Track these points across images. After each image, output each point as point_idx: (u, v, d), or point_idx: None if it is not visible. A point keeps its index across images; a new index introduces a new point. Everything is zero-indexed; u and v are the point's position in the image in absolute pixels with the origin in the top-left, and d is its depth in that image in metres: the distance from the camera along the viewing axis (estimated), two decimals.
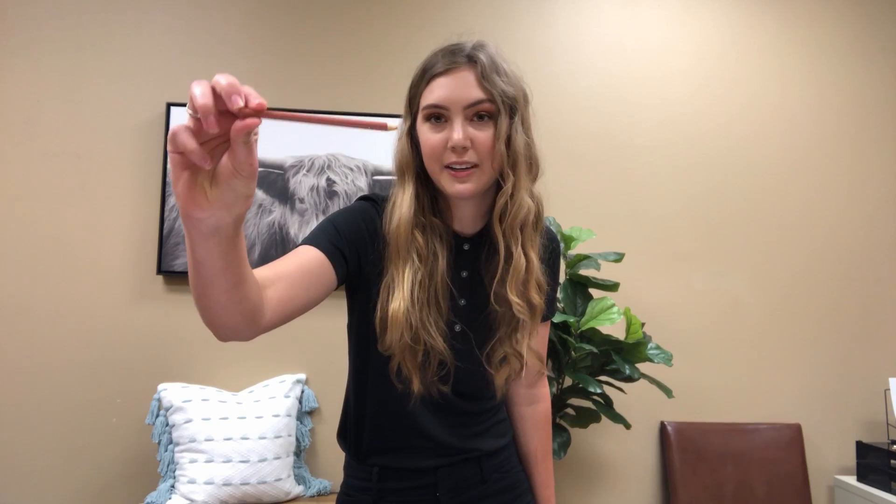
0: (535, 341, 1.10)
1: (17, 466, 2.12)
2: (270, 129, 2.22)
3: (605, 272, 2.23)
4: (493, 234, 0.95)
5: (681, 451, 2.25)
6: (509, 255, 0.94)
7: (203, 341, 2.19)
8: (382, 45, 2.30)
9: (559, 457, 1.94)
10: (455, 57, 0.90)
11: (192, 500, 1.88)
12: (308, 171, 2.23)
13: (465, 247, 1.00)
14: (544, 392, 1.16)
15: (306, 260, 0.86)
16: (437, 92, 0.90)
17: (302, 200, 2.22)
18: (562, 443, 1.97)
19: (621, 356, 1.95)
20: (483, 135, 0.89)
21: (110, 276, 2.18)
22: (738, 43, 2.44)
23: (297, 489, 2.02)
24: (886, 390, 2.28)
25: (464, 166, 0.89)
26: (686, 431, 2.27)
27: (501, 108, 0.89)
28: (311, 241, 0.90)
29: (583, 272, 2.06)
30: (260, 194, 2.21)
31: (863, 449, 2.25)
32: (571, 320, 1.92)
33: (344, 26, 2.29)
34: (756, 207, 2.41)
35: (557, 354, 2.02)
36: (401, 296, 0.90)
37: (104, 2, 2.23)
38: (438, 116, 0.90)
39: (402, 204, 0.93)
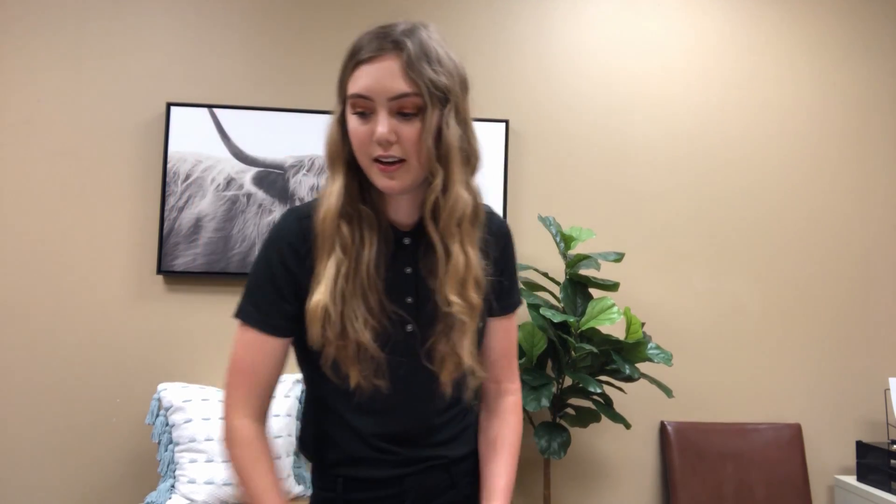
0: (496, 338, 1.06)
1: (17, 466, 2.12)
2: (270, 128, 2.22)
3: (605, 272, 2.23)
4: (428, 230, 0.91)
5: (681, 451, 2.25)
6: (447, 253, 0.90)
7: (203, 341, 2.20)
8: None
9: (559, 456, 1.94)
10: (381, 42, 0.85)
11: (192, 500, 1.88)
12: (308, 170, 2.23)
13: (406, 241, 0.95)
14: (514, 387, 1.11)
15: (273, 358, 0.93)
16: (361, 81, 0.84)
17: (302, 200, 2.22)
18: (562, 443, 1.97)
19: (621, 356, 1.95)
20: (409, 129, 0.84)
21: (110, 276, 2.19)
22: (737, 42, 2.44)
23: (297, 489, 2.02)
24: (886, 390, 2.28)
25: (390, 160, 0.85)
26: (686, 431, 2.27)
27: (429, 100, 0.83)
28: (254, 322, 0.92)
29: (583, 272, 2.06)
30: (260, 194, 2.21)
31: (863, 449, 2.25)
32: (571, 320, 1.92)
33: (345, 25, 2.29)
34: (756, 207, 2.41)
35: (557, 354, 2.02)
36: (322, 289, 0.87)
37: (104, 2, 2.23)
38: (363, 108, 0.85)
39: (331, 195, 0.89)
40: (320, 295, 0.87)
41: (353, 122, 0.87)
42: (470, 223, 0.91)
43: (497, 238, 1.02)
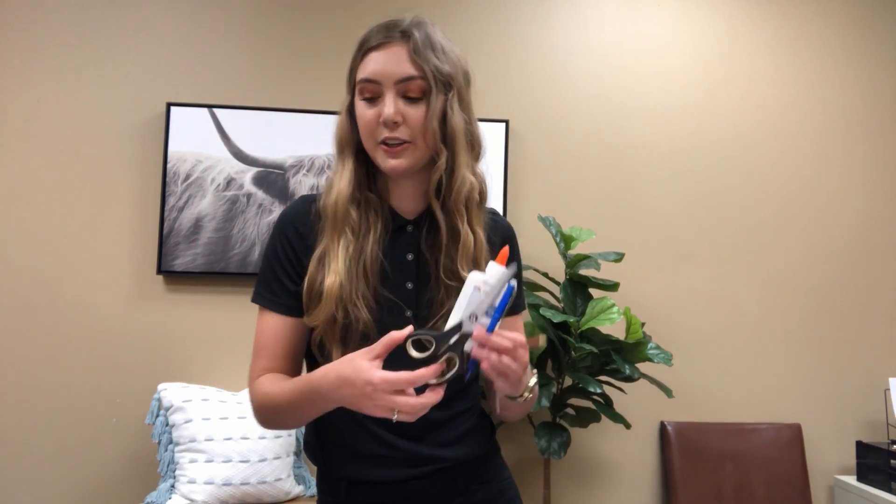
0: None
1: (17, 466, 2.12)
2: (270, 128, 2.22)
3: (605, 272, 2.23)
4: (435, 213, 0.94)
5: (681, 451, 2.25)
6: (455, 233, 0.94)
7: (203, 341, 2.20)
8: None
9: (559, 456, 1.94)
10: (390, 32, 0.90)
11: (192, 500, 1.88)
12: (308, 170, 2.23)
13: (409, 228, 0.98)
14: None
15: (285, 335, 0.95)
16: (369, 66, 0.90)
17: None
18: (562, 443, 1.97)
19: (621, 356, 1.95)
20: (415, 111, 0.89)
21: (110, 276, 2.18)
22: (737, 42, 2.44)
23: (297, 489, 2.02)
24: (886, 390, 2.28)
25: (396, 142, 0.89)
26: (686, 431, 2.27)
27: (434, 84, 0.88)
28: (268, 304, 0.95)
29: (583, 272, 2.07)
30: (260, 194, 2.21)
31: (863, 449, 2.25)
32: (571, 320, 1.92)
33: (345, 25, 2.29)
34: (756, 207, 2.41)
35: (557, 354, 2.02)
36: (335, 270, 0.90)
37: (104, 2, 2.23)
38: (371, 93, 0.90)
39: (341, 180, 0.93)
40: (336, 274, 0.90)
41: (360, 107, 0.91)
42: (477, 206, 0.95)
43: (503, 240, 1.02)
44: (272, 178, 2.21)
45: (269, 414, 0.92)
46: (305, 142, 2.23)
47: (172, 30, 2.26)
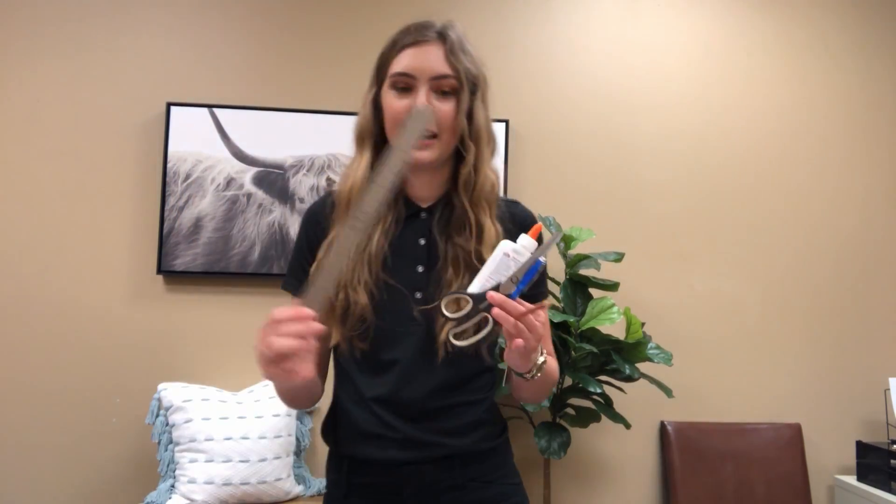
0: None
1: (16, 466, 2.12)
2: (270, 128, 2.22)
3: (605, 272, 2.22)
4: (455, 202, 0.99)
5: (681, 451, 2.25)
6: (480, 225, 0.97)
7: (203, 341, 2.19)
8: (383, 45, 2.29)
9: (559, 456, 1.94)
10: (426, 31, 0.96)
11: (192, 500, 1.88)
12: (308, 170, 2.23)
13: (423, 215, 1.02)
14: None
15: None
16: (405, 61, 0.95)
17: (302, 200, 2.22)
18: (562, 443, 1.97)
19: (621, 356, 1.95)
20: (445, 107, 0.95)
21: (110, 276, 2.18)
22: (737, 43, 2.44)
23: (297, 489, 2.02)
24: (886, 390, 2.28)
25: (425, 135, 0.92)
26: (686, 431, 2.27)
27: (465, 84, 0.96)
28: (295, 290, 1.00)
29: (583, 272, 2.07)
30: (260, 194, 2.21)
31: (863, 449, 2.25)
32: (571, 320, 1.92)
33: (345, 26, 2.29)
34: (756, 207, 2.41)
35: (557, 354, 2.02)
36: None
37: (104, 2, 2.23)
38: (405, 85, 0.95)
39: (358, 168, 0.98)
40: None
41: (390, 98, 0.96)
42: (494, 202, 1.00)
43: (524, 229, 1.02)
44: (272, 177, 2.21)
45: (277, 394, 1.02)
46: (305, 142, 2.22)
47: (172, 30, 2.26)
